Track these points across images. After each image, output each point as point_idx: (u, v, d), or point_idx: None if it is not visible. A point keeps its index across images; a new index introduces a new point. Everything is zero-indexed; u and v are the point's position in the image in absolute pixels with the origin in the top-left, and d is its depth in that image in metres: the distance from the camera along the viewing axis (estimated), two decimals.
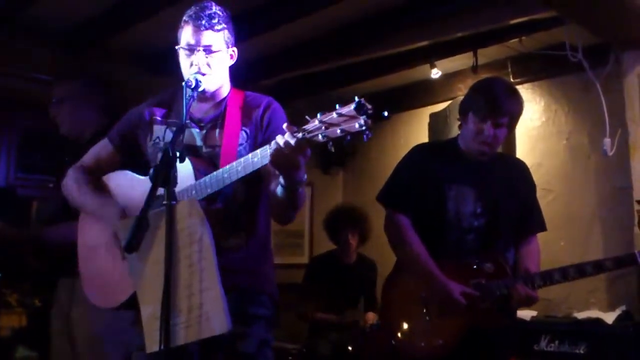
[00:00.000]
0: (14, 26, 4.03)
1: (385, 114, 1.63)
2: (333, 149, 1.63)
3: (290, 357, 4.42)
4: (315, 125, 1.62)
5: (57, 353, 2.96)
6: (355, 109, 1.55)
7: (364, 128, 1.55)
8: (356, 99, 1.56)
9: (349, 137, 1.59)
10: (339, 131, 1.58)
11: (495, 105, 2.52)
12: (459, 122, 2.71)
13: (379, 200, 2.75)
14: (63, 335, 2.91)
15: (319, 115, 1.62)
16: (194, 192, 1.94)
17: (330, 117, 1.59)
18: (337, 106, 1.59)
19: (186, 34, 2.08)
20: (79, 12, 4.04)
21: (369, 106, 1.56)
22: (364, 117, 1.55)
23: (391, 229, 2.68)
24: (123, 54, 4.48)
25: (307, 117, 1.65)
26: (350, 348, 4.22)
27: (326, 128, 1.60)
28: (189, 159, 1.96)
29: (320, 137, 1.61)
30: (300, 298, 4.50)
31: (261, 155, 1.80)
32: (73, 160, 2.32)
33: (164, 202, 1.74)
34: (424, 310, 2.58)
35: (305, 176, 1.82)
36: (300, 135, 1.66)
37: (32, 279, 3.23)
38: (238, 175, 1.87)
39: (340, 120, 1.58)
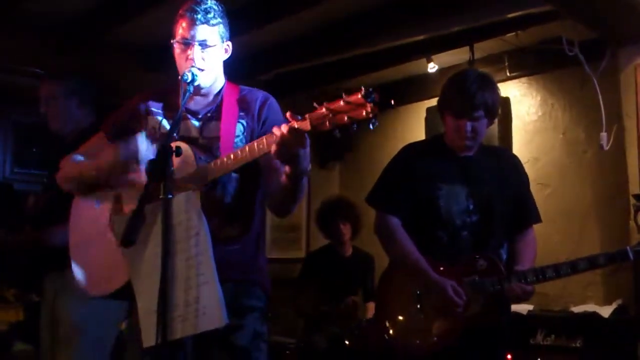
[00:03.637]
0: (9, 20, 4.02)
1: (392, 102, 1.67)
2: (339, 135, 1.66)
3: (287, 352, 4.43)
4: (323, 112, 1.65)
5: (45, 347, 3.00)
6: (363, 96, 1.58)
7: (370, 116, 1.59)
8: (363, 87, 1.60)
9: (355, 125, 1.62)
10: (346, 118, 1.62)
11: (466, 101, 2.51)
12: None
13: (368, 203, 2.75)
14: (50, 329, 2.95)
15: (325, 103, 1.65)
16: (197, 177, 1.94)
17: (337, 104, 1.63)
18: (344, 94, 1.62)
19: (181, 28, 2.09)
20: (75, 6, 4.02)
21: (376, 94, 1.59)
22: (371, 104, 1.58)
23: (382, 231, 2.68)
24: (117, 48, 4.46)
25: (314, 104, 1.68)
26: (347, 342, 4.23)
27: (333, 115, 1.63)
28: (190, 147, 1.97)
29: (327, 123, 1.65)
30: (296, 292, 4.51)
31: (266, 143, 1.82)
32: (60, 157, 2.33)
33: (160, 196, 1.74)
34: (418, 307, 2.58)
35: (310, 166, 1.85)
36: (307, 121, 1.68)
37: (24, 275, 3.26)
38: (243, 161, 1.87)
39: (347, 108, 1.62)
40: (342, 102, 1.61)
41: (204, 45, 2.07)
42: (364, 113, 1.59)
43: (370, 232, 2.79)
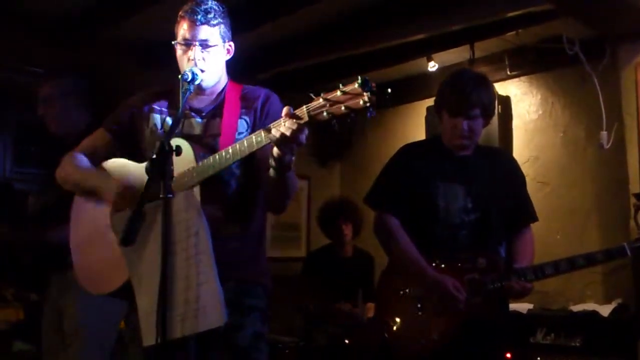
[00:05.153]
0: (6, 18, 4.00)
1: (389, 90, 1.66)
2: (337, 127, 1.65)
3: (286, 350, 4.42)
4: (320, 103, 1.65)
5: (48, 347, 3.00)
6: (359, 86, 1.58)
7: (367, 105, 1.59)
8: (359, 77, 1.59)
9: (353, 114, 1.62)
10: (343, 108, 1.62)
11: (463, 99, 2.53)
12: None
13: (366, 203, 2.76)
14: (53, 328, 2.95)
15: (322, 94, 1.64)
16: (195, 174, 1.95)
17: (334, 94, 1.63)
18: (341, 84, 1.61)
19: (182, 29, 2.10)
20: (73, 4, 4.01)
21: (373, 83, 1.59)
22: (368, 94, 1.58)
23: (380, 230, 2.68)
24: (115, 46, 4.45)
25: (311, 94, 1.67)
26: (346, 341, 4.22)
27: (330, 106, 1.63)
28: (190, 144, 1.97)
29: (324, 114, 1.65)
30: (297, 291, 4.50)
31: (264, 135, 1.81)
32: (59, 156, 2.32)
33: (161, 196, 1.74)
34: (418, 306, 2.58)
35: (293, 158, 1.84)
36: (305, 112, 1.68)
37: (25, 274, 3.26)
38: (241, 155, 1.87)
39: (344, 98, 1.61)
40: (338, 92, 1.61)
41: (204, 45, 2.07)
42: (361, 102, 1.59)
43: (371, 232, 2.79)
